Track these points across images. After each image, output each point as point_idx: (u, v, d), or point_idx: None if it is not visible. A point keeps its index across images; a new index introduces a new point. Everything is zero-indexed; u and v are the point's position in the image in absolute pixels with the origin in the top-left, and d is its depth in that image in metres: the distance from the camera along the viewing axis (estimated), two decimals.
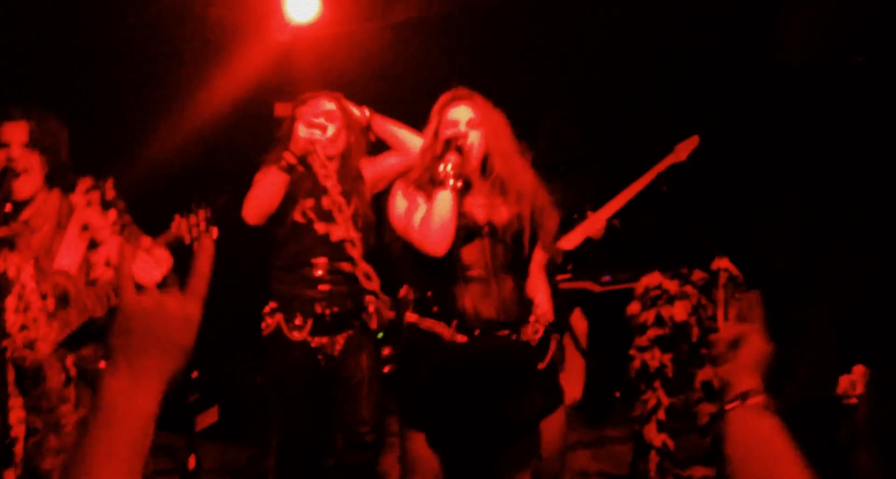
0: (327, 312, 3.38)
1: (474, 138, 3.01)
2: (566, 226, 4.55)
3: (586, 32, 5.41)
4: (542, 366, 2.99)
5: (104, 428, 1.09)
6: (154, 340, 1.13)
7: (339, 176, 3.47)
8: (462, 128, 3.01)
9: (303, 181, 3.47)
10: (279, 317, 3.40)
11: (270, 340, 3.39)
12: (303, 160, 3.40)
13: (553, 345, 3.07)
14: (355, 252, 3.31)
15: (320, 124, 3.43)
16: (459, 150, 2.91)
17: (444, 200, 2.84)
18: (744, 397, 1.54)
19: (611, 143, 5.12)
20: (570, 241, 4.51)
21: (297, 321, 3.37)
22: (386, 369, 4.34)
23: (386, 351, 3.62)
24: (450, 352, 2.80)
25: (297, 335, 3.36)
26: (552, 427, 2.93)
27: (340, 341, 3.40)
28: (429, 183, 2.95)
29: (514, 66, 5.51)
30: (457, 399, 1.74)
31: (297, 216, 3.44)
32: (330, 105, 3.54)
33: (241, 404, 4.82)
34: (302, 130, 3.43)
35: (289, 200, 3.43)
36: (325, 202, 3.43)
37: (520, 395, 1.77)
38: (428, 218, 2.85)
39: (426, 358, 2.89)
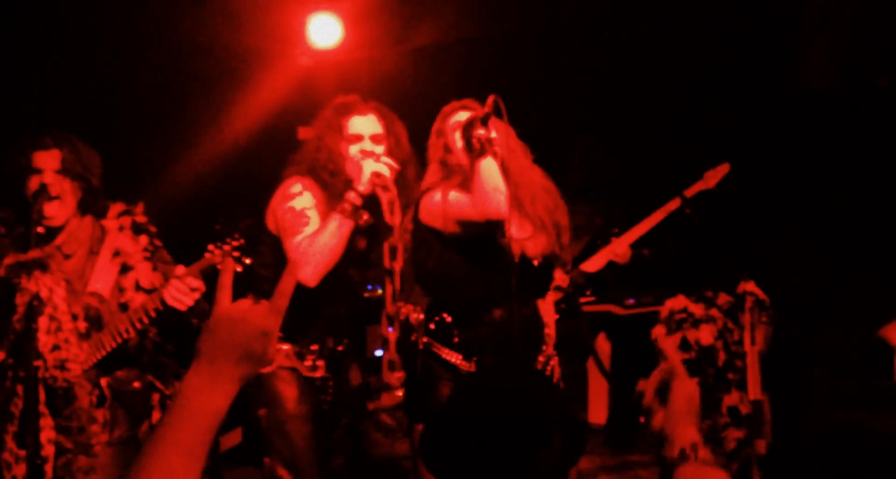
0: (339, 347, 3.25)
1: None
2: (591, 249, 4.55)
3: (610, 58, 5.44)
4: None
5: (178, 420, 1.22)
6: (235, 346, 1.25)
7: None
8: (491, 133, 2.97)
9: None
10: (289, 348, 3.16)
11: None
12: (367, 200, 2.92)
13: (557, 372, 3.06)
14: (393, 285, 2.99)
15: (388, 163, 2.93)
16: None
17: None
18: (685, 454, 1.47)
19: (638, 168, 5.13)
20: (594, 264, 4.51)
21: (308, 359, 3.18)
22: (399, 393, 4.34)
23: (397, 375, 3.54)
24: (468, 388, 2.75)
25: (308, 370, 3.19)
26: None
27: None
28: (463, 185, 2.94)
29: (536, 92, 5.54)
30: (477, 448, 1.66)
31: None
32: (377, 126, 3.12)
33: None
34: (368, 165, 2.92)
35: None
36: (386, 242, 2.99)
37: (544, 443, 1.69)
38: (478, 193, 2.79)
39: (441, 389, 2.87)
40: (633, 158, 5.14)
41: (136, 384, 2.93)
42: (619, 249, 4.54)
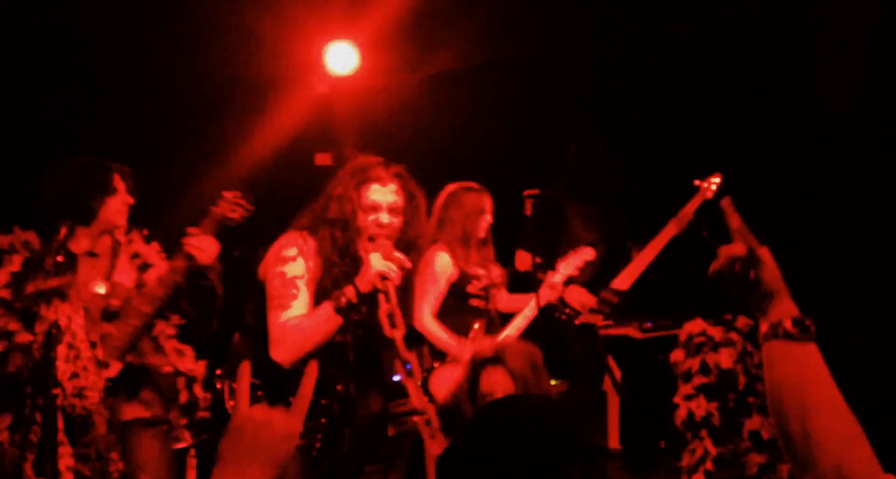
0: None
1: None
2: (613, 262, 4.51)
3: (623, 82, 5.45)
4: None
5: None
6: (259, 449, 1.23)
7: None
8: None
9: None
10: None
11: None
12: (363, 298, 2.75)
13: None
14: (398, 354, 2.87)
15: (398, 259, 2.76)
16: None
17: None
18: (777, 327, 1.35)
19: (645, 180, 5.12)
20: (623, 282, 4.46)
21: None
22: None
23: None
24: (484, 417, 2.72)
25: None
26: None
27: None
28: None
29: (551, 117, 5.57)
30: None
31: None
32: (397, 197, 2.90)
33: None
34: (376, 261, 2.73)
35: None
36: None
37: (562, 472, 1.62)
38: None
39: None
40: (637, 166, 5.11)
41: (168, 369, 3.15)
42: (643, 265, 4.46)
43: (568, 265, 4.01)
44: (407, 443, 3.71)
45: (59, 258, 2.87)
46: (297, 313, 2.80)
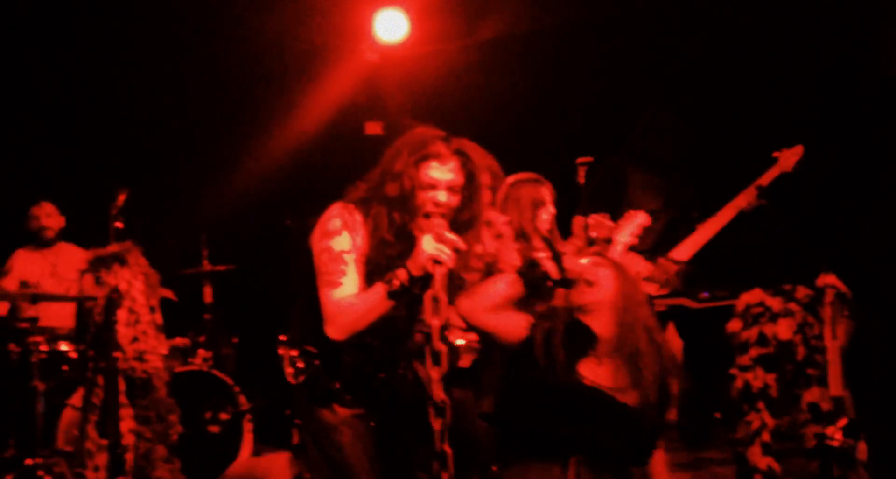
0: None
1: None
2: (675, 232, 4.42)
3: (679, 44, 5.32)
4: None
5: None
6: None
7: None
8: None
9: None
10: None
11: None
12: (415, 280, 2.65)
13: None
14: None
15: (451, 241, 2.64)
16: None
17: None
18: None
19: (712, 148, 5.00)
20: (683, 252, 4.35)
21: None
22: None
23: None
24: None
25: None
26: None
27: None
28: None
29: (605, 81, 5.46)
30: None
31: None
32: (456, 175, 2.76)
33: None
34: (427, 244, 2.64)
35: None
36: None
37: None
38: None
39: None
40: (706, 134, 4.98)
41: None
42: (705, 236, 4.32)
43: (624, 234, 3.91)
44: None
45: (118, 224, 2.90)
46: (349, 292, 2.74)
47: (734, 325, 3.95)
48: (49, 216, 4.86)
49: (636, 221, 3.91)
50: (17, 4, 5.06)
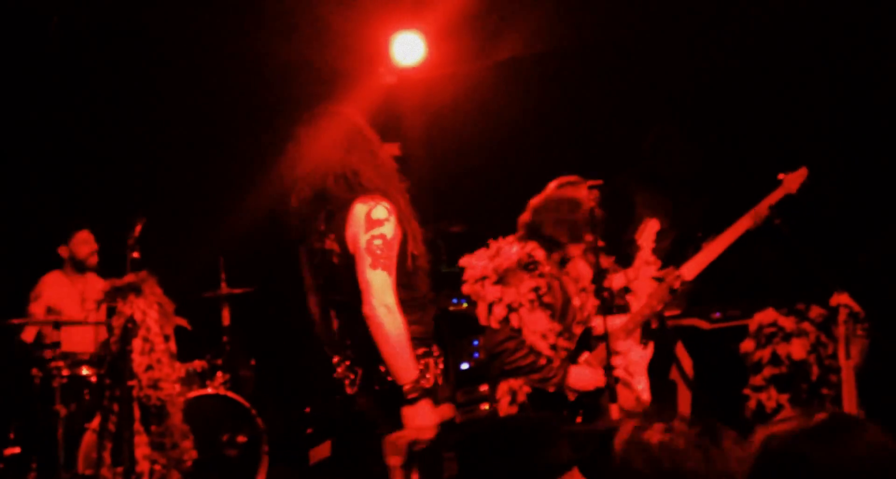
0: None
1: None
2: (680, 250, 4.43)
3: (693, 62, 5.33)
4: None
5: None
6: None
7: None
8: None
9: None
10: None
11: None
12: None
13: None
14: None
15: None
16: None
17: None
18: None
19: (719, 165, 5.00)
20: (689, 271, 4.36)
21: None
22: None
23: None
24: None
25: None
26: None
27: None
28: None
29: (618, 106, 5.49)
30: None
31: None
32: None
33: (355, 440, 4.90)
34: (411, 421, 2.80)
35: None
36: None
37: None
38: None
39: None
40: (716, 153, 4.99)
41: None
42: (712, 255, 4.33)
43: (646, 240, 3.91)
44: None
45: (135, 255, 2.98)
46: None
47: (747, 345, 3.95)
48: (91, 244, 4.95)
49: (648, 229, 3.92)
50: (37, 32, 5.18)
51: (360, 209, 2.88)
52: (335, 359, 2.93)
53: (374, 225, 2.86)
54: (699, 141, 4.83)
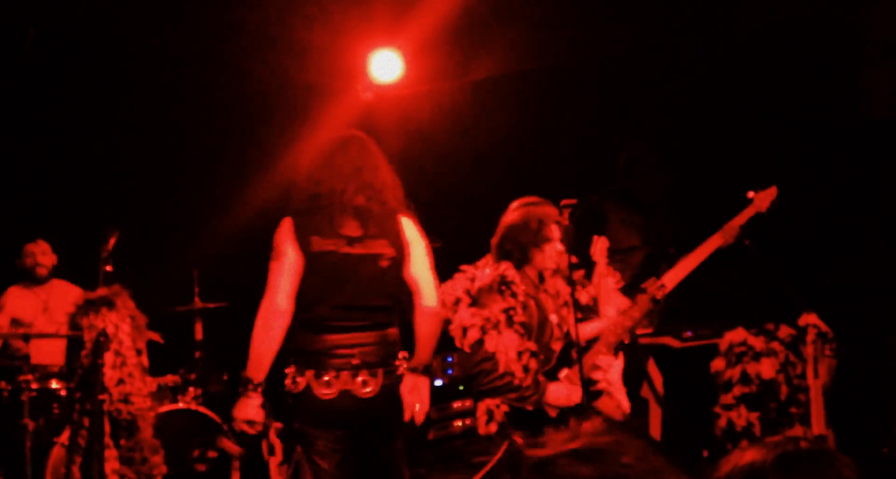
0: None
1: None
2: (652, 266, 4.46)
3: (667, 85, 5.41)
4: None
5: None
6: None
7: None
8: None
9: None
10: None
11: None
12: None
13: None
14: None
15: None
16: None
17: None
18: None
19: (692, 185, 5.07)
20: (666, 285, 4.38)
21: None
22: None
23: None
24: None
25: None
26: None
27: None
28: None
29: (595, 124, 5.55)
30: None
31: None
32: None
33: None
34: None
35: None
36: None
37: None
38: None
39: None
40: (688, 173, 5.06)
41: None
42: (683, 272, 4.37)
43: (599, 263, 3.93)
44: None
45: (108, 268, 2.97)
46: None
47: (718, 364, 3.99)
48: (44, 254, 4.94)
49: (602, 244, 3.95)
50: (13, 44, 5.17)
51: (406, 220, 3.29)
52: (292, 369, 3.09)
53: (422, 234, 3.32)
54: (671, 160, 4.89)
